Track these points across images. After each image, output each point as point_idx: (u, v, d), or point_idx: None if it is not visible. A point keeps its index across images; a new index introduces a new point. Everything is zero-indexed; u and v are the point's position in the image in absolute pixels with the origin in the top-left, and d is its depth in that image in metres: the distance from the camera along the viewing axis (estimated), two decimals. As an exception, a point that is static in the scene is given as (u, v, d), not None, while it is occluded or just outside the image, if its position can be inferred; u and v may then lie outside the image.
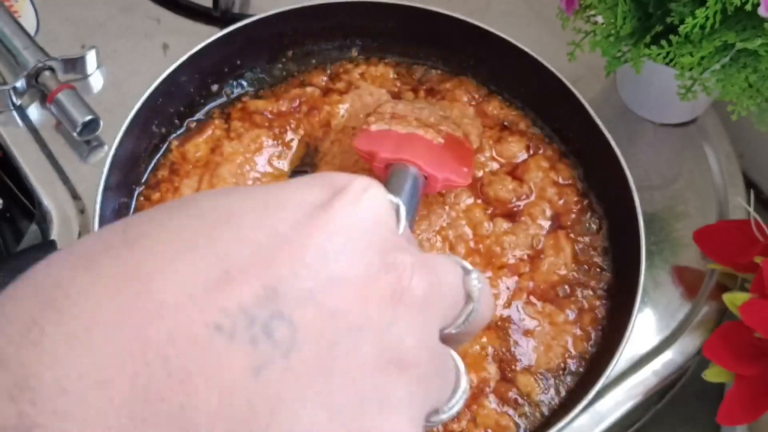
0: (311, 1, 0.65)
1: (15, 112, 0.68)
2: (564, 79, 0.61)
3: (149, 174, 0.62)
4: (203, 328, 0.20)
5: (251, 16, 0.64)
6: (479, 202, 0.61)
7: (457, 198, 0.60)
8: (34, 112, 0.68)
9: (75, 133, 0.65)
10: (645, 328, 0.60)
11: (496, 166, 0.63)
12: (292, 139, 0.64)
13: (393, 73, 0.68)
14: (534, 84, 0.64)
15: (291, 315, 0.21)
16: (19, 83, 0.67)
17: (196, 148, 0.63)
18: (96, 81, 0.70)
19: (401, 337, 0.23)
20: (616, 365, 0.52)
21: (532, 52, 0.63)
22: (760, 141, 0.70)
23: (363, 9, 0.66)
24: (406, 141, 0.56)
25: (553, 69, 0.62)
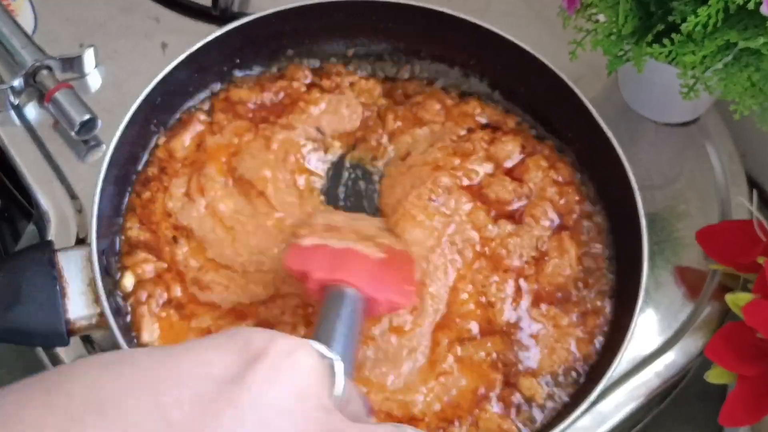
0: (310, 0, 0.65)
1: (12, 111, 0.67)
2: (565, 78, 0.61)
3: (140, 171, 0.61)
4: None
5: (250, 14, 0.64)
6: (479, 204, 0.60)
7: (457, 204, 0.60)
8: (32, 111, 0.68)
9: (73, 133, 0.65)
10: (647, 329, 0.60)
11: (490, 168, 0.62)
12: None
13: (380, 88, 0.67)
14: (534, 83, 0.64)
15: None
16: (17, 82, 0.67)
17: (182, 144, 0.62)
18: (94, 80, 0.70)
19: None
20: (618, 366, 0.52)
21: (533, 51, 0.62)
22: (763, 140, 0.70)
23: (362, 8, 0.66)
24: (343, 257, 0.51)
25: (554, 68, 0.62)
